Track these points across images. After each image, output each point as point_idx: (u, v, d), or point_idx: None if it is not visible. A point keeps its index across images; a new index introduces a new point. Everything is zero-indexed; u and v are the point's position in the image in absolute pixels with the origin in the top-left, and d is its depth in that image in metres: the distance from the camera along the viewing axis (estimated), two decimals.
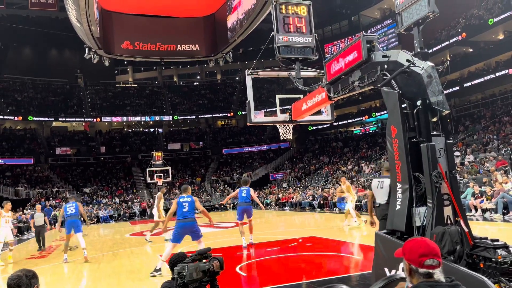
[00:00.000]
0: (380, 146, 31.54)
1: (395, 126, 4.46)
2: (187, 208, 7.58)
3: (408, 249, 2.04)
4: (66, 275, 8.68)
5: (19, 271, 2.45)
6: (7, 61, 44.53)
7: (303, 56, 6.85)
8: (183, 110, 46.57)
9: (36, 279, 2.48)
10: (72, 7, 14.95)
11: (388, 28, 36.00)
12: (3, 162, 36.84)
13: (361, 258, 7.96)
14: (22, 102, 42.09)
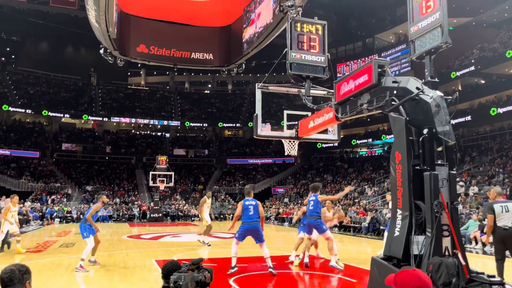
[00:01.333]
0: (384, 169, 31.40)
1: (400, 152, 4.46)
2: (253, 211, 7.95)
3: (400, 281, 2.02)
4: (59, 271, 8.67)
5: (12, 265, 2.47)
6: (23, 54, 45.21)
7: (314, 74, 6.91)
8: (192, 117, 46.80)
9: (29, 275, 2.49)
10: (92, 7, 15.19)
11: (402, 53, 36.13)
12: (9, 153, 37.12)
13: (355, 282, 7.87)
14: (34, 95, 42.57)
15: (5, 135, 38.98)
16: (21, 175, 35.19)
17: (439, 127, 4.26)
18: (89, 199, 34.31)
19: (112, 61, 19.35)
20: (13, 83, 42.00)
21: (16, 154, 37.37)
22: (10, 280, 2.38)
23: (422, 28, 4.72)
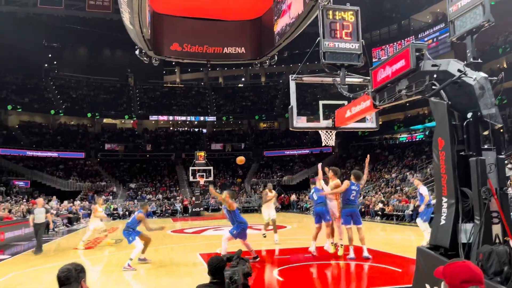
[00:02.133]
0: (427, 155, 30.41)
1: (443, 138, 4.31)
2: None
3: (450, 273, 1.96)
4: (109, 267, 9.06)
5: (69, 264, 2.61)
6: (64, 59, 47.15)
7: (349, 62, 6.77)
8: (227, 111, 47.23)
9: (84, 273, 2.63)
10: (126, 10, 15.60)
11: (440, 32, 34.63)
12: (57, 155, 39.00)
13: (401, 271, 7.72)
14: (76, 99, 44.41)
15: (52, 139, 40.97)
16: (69, 175, 36.92)
17: (484, 110, 4.06)
18: (133, 196, 35.52)
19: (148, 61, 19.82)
20: (56, 88, 43.97)
21: (63, 156, 39.23)
22: (67, 279, 2.52)
23: (462, 7, 4.50)
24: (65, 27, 41.77)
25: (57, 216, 22.21)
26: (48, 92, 43.15)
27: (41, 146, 39.05)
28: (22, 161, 36.32)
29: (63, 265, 2.63)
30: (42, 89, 43.09)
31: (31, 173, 35.10)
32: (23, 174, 34.82)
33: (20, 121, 41.35)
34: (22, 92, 40.93)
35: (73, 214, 24.98)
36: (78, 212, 26.53)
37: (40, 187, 33.40)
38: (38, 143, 39.34)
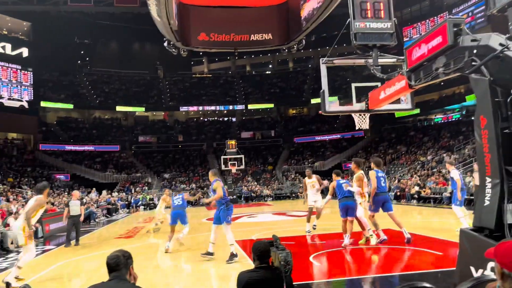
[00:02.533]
0: (464, 135, 29.42)
1: (485, 116, 4.14)
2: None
3: (501, 252, 1.89)
4: (150, 255, 9.35)
5: (117, 251, 2.71)
6: (96, 55, 48.33)
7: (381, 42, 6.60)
8: (255, 99, 47.21)
9: (131, 260, 2.72)
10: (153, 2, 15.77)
11: (476, 6, 33.04)
12: (93, 148, 40.34)
13: (442, 254, 7.56)
14: (109, 93, 45.56)
15: (88, 133, 42.37)
16: (106, 168, 38.15)
17: None
18: (167, 186, 36.29)
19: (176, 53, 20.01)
20: (90, 84, 45.26)
21: (99, 149, 40.53)
22: (117, 265, 2.62)
23: None
24: (95, 23, 42.74)
25: (97, 208, 23.04)
26: (82, 88, 44.49)
27: (78, 140, 40.50)
28: (61, 156, 37.81)
29: (111, 252, 2.73)
30: (77, 85, 44.45)
31: (70, 167, 36.53)
32: (63, 168, 36.28)
33: (57, 117, 42.95)
34: (58, 89, 42.40)
35: (111, 205, 25.86)
36: (116, 203, 27.45)
37: (79, 180, 34.75)
38: (75, 138, 40.81)
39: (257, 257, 3.16)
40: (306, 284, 5.86)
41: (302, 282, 5.87)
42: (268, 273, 3.04)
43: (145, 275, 6.92)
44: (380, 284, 5.82)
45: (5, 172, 29.76)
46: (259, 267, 3.14)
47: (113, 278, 2.59)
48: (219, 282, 6.13)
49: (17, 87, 36.13)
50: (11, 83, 35.63)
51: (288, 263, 2.89)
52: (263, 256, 3.13)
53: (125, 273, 2.63)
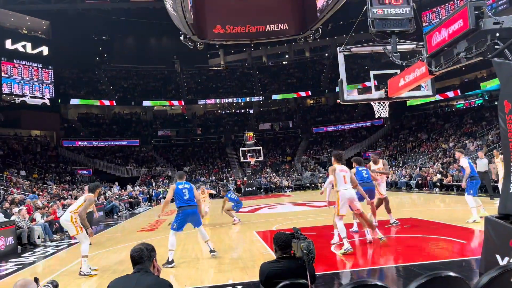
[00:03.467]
0: (487, 121, 28.72)
1: (510, 100, 4.03)
2: (188, 195, 7.72)
3: None
4: None
5: (140, 245, 2.76)
6: (114, 51, 48.95)
7: (400, 28, 6.47)
8: (272, 90, 47.05)
9: (155, 252, 2.77)
10: None
11: None
12: (114, 143, 41.05)
13: (466, 243, 7.44)
14: (128, 88, 46.13)
15: (109, 128, 43.09)
16: (127, 162, 38.80)
17: None
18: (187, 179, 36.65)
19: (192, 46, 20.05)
20: (108, 80, 45.90)
21: (120, 144, 41.22)
22: (140, 258, 2.67)
23: None
24: (112, 19, 43.22)
25: (120, 201, 23.48)
26: (101, 84, 45.16)
27: (99, 136, 41.25)
28: (83, 151, 38.61)
29: (134, 245, 2.78)
30: (96, 82, 45.16)
31: (92, 162, 37.29)
32: (85, 163, 37.06)
33: (78, 114, 43.79)
34: (78, 85, 43.19)
35: (133, 199, 26.31)
36: (138, 197, 27.91)
37: (102, 175, 35.45)
38: (96, 133, 41.57)
39: (278, 248, 3.20)
40: (328, 274, 5.86)
41: (324, 273, 5.87)
42: (291, 263, 3.06)
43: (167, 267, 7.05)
44: (403, 274, 5.77)
45: (30, 169, 30.60)
46: (281, 257, 3.17)
47: (137, 270, 2.65)
48: (242, 274, 6.19)
49: (38, 85, 36.99)
50: (32, 82, 36.48)
51: (311, 251, 2.90)
52: (285, 246, 3.15)
53: (149, 265, 2.68)
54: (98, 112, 45.10)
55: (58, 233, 13.08)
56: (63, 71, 41.93)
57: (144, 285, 2.55)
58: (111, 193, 25.85)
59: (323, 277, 5.62)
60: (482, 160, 14.52)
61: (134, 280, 2.57)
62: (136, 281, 2.57)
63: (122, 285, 2.60)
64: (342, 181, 7.00)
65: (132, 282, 2.56)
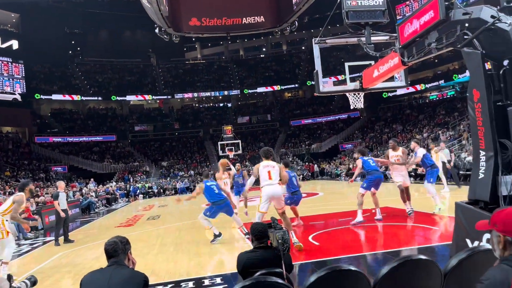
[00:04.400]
0: (459, 111, 29.49)
1: (478, 89, 4.13)
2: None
3: (503, 220, 1.88)
4: (150, 242, 9.42)
5: (114, 237, 2.73)
6: (87, 45, 47.75)
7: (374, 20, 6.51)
8: (250, 84, 46.98)
9: (129, 245, 2.75)
10: None
11: None
12: (89, 139, 40.25)
13: (439, 229, 7.66)
14: (103, 83, 45.20)
15: (83, 123, 42.19)
16: (103, 158, 38.13)
17: None
18: (166, 174, 36.39)
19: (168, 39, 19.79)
20: (82, 74, 44.84)
21: (96, 140, 40.46)
22: (115, 251, 2.64)
23: None
24: (84, 12, 42.14)
25: (96, 198, 23.10)
26: (75, 79, 44.09)
27: (73, 131, 40.35)
28: (57, 148, 37.70)
29: (109, 239, 2.74)
30: (69, 76, 44.05)
31: (67, 158, 36.47)
32: (60, 160, 36.22)
33: (51, 109, 42.67)
34: (50, 80, 42.01)
35: (110, 195, 25.92)
36: (115, 193, 27.50)
37: (77, 171, 34.75)
38: (70, 129, 40.65)
39: (255, 238, 3.23)
40: (304, 263, 5.94)
41: (301, 262, 5.95)
42: (267, 253, 3.09)
43: (145, 262, 7.00)
44: (377, 260, 5.90)
45: (1, 166, 29.70)
46: (258, 247, 3.20)
47: (111, 264, 2.62)
48: (221, 266, 6.20)
49: (9, 80, 35.79)
50: (2, 77, 35.28)
51: (286, 241, 2.94)
52: (261, 236, 3.19)
53: (124, 258, 2.66)
54: (72, 107, 44.05)
55: (32, 231, 12.78)
56: (34, 66, 40.69)
57: (119, 278, 2.52)
58: (87, 189, 25.39)
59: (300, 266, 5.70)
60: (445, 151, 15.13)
61: (108, 274, 2.54)
62: (111, 274, 2.54)
63: (96, 279, 2.56)
64: (266, 177, 6.78)
65: (106, 276, 2.53)
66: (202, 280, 5.53)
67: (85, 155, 37.86)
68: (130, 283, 2.52)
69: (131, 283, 2.52)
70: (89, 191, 24.56)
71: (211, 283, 5.36)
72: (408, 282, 2.40)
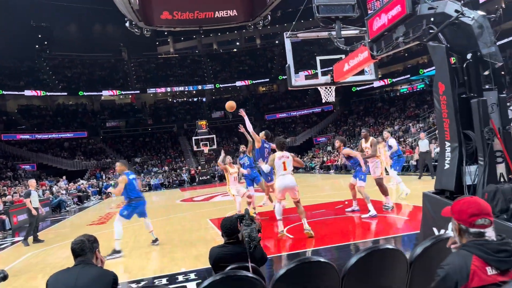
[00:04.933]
0: (428, 104, 30.27)
1: (443, 82, 4.25)
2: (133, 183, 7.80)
3: (458, 209, 1.99)
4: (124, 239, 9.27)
5: (81, 236, 2.66)
6: (55, 39, 46.29)
7: (344, 14, 6.59)
8: (224, 78, 46.75)
9: (97, 243, 2.68)
10: None
11: None
12: (59, 136, 39.14)
13: (409, 219, 7.87)
14: (72, 78, 43.98)
15: (53, 120, 40.96)
16: (74, 155, 37.19)
17: (483, 49, 3.98)
18: (139, 170, 35.84)
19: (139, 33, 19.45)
20: (50, 69, 43.47)
21: (66, 136, 39.39)
22: (82, 250, 2.58)
23: None
24: (51, 5, 40.74)
25: (67, 196, 22.55)
26: (43, 74, 42.70)
27: (42, 128, 39.13)
28: (25, 145, 36.50)
29: (75, 238, 2.68)
30: (37, 71, 42.61)
31: (36, 156, 35.37)
32: (28, 157, 35.09)
33: (18, 105, 41.22)
34: (16, 75, 40.53)
35: (82, 193, 25.35)
36: (87, 190, 26.92)
37: (47, 169, 33.78)
38: (39, 126, 39.40)
39: (225, 234, 3.27)
40: (277, 256, 6.00)
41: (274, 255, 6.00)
42: (237, 248, 3.12)
43: (119, 259, 6.89)
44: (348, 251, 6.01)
45: None
46: (228, 243, 3.23)
47: (78, 263, 2.56)
48: (195, 261, 6.17)
49: None
50: None
51: (252, 238, 2.95)
52: (231, 233, 3.22)
53: (91, 257, 2.60)
54: (40, 104, 42.69)
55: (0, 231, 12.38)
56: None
57: (87, 278, 2.47)
58: (58, 187, 24.74)
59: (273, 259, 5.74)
60: (424, 141, 15.39)
61: (76, 273, 2.48)
62: (78, 274, 2.48)
63: (62, 279, 2.49)
64: (281, 168, 6.98)
65: (73, 276, 2.47)
66: (176, 276, 5.49)
67: (55, 152, 36.82)
68: (98, 282, 2.47)
69: (99, 282, 2.47)
70: (59, 189, 23.93)
71: (185, 279, 5.34)
72: (375, 272, 2.46)
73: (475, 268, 1.82)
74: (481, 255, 1.84)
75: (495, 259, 1.83)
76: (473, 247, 1.89)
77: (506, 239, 1.92)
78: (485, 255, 1.84)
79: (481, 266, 1.82)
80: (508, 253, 1.84)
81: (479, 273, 1.81)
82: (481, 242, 1.90)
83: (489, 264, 1.82)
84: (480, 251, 1.85)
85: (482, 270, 1.81)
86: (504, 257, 1.83)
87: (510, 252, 1.84)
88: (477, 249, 1.87)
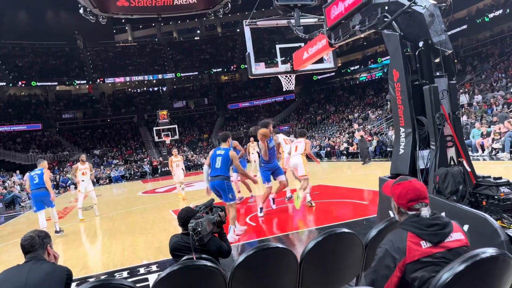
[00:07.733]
0: (386, 92, 31.18)
1: (397, 69, 4.37)
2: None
3: (397, 194, 2.15)
4: (83, 233, 9.02)
5: (31, 232, 2.55)
6: (4, 26, 43.63)
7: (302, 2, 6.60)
8: (186, 67, 45.99)
9: (49, 239, 2.58)
10: None
11: None
12: (11, 128, 37.23)
13: (368, 203, 8.11)
14: (24, 67, 41.78)
15: (4, 112, 38.85)
16: (28, 148, 35.54)
17: (434, 38, 4.12)
18: (99, 162, 34.82)
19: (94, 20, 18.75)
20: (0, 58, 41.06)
21: (18, 129, 37.52)
22: (32, 246, 2.47)
23: None
24: None
25: (22, 191, 21.57)
26: None
27: None
28: None
29: (25, 234, 2.56)
30: None
31: None
32: None
33: None
34: None
35: None
36: None
37: None
38: None
39: (181, 224, 3.29)
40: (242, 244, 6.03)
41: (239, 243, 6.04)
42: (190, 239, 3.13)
43: (77, 255, 6.70)
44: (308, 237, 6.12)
45: None
46: (183, 233, 3.29)
47: (29, 259, 2.45)
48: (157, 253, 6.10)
49: None
50: None
51: (197, 232, 2.99)
52: (185, 223, 3.24)
53: (42, 253, 2.49)
54: None
55: None
56: None
57: (39, 274, 2.36)
58: (11, 182, 23.62)
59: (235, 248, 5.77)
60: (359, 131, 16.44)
61: (26, 270, 2.37)
62: (29, 270, 2.37)
63: (11, 277, 2.38)
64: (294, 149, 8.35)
65: (23, 272, 2.36)
66: (137, 269, 5.40)
67: (7, 145, 35.02)
68: (50, 278, 2.37)
69: (52, 278, 2.38)
70: (13, 184, 22.86)
71: (147, 271, 5.26)
72: (332, 255, 2.52)
73: (410, 243, 1.95)
74: (414, 231, 1.98)
75: (427, 233, 1.97)
76: (408, 224, 2.03)
77: (436, 214, 2.07)
78: (419, 230, 1.98)
79: (416, 241, 1.96)
80: (439, 227, 1.99)
81: (415, 247, 1.94)
82: (415, 220, 2.04)
83: (422, 238, 1.96)
84: (414, 227, 2.00)
85: (417, 245, 1.95)
86: (435, 230, 1.98)
87: (440, 226, 1.99)
88: (411, 226, 2.01)
